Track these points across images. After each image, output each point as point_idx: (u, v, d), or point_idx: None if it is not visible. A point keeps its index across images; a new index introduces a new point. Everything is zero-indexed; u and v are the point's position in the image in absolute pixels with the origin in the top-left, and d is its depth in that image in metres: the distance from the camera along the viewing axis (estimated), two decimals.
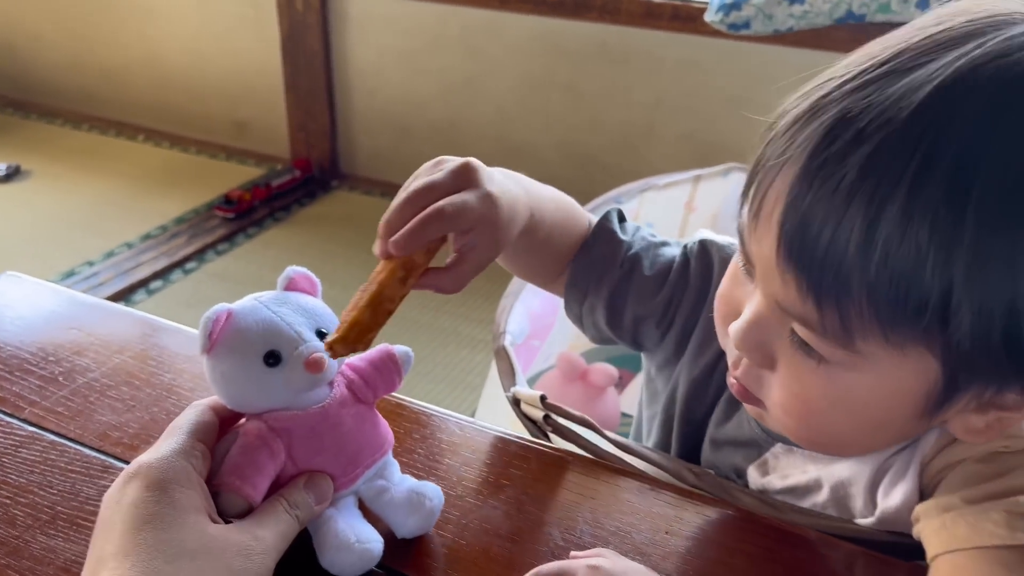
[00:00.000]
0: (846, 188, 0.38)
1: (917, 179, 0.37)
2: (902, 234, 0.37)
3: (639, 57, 1.89)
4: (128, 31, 2.52)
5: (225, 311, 0.45)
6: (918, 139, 0.37)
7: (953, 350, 0.39)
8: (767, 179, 0.42)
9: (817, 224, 0.39)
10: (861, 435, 0.47)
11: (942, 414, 0.44)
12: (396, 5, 2.09)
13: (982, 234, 0.36)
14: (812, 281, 0.40)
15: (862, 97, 0.39)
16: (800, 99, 0.43)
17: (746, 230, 0.45)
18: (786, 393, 0.46)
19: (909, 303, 0.38)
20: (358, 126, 2.30)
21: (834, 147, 0.39)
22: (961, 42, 0.39)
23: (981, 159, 0.36)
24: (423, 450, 0.55)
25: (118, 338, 0.65)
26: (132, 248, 2.00)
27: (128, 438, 0.55)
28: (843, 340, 0.41)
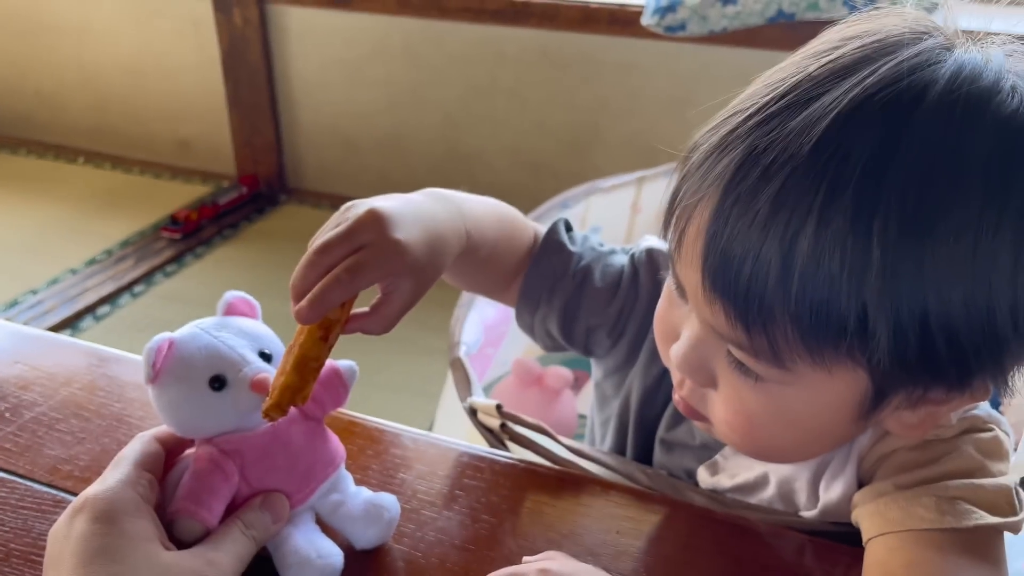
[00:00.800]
0: (760, 223, 0.40)
1: (824, 211, 0.39)
2: (816, 264, 0.39)
3: (580, 62, 1.91)
4: (63, 53, 2.48)
5: (166, 340, 0.45)
6: (821, 172, 0.39)
7: (876, 366, 0.41)
8: (684, 214, 0.44)
9: (737, 258, 0.41)
10: (802, 445, 0.49)
11: (875, 416, 0.46)
12: (336, 17, 2.09)
13: (888, 258, 0.38)
14: (738, 310, 0.42)
15: (766, 132, 0.41)
16: (710, 133, 0.44)
17: (675, 260, 0.46)
18: (728, 410, 0.47)
19: (830, 327, 0.40)
20: (304, 140, 2.29)
21: (744, 184, 0.40)
22: (854, 70, 0.40)
23: (881, 186, 0.39)
24: (377, 466, 0.56)
25: (64, 370, 0.64)
26: (77, 274, 1.96)
27: (79, 471, 0.55)
28: (774, 361, 0.43)
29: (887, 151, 0.39)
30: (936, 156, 0.39)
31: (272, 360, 0.47)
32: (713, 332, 0.45)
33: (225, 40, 2.20)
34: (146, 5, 2.29)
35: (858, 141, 0.39)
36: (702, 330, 0.46)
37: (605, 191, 1.20)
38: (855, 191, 0.38)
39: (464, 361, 0.79)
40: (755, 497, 0.57)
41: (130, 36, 2.36)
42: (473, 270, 0.61)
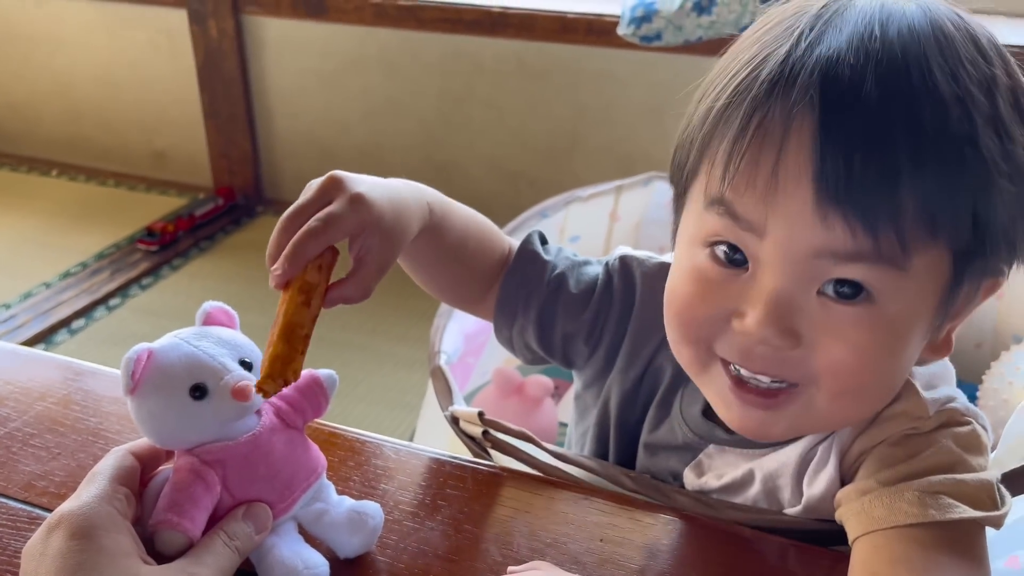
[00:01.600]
0: (877, 113, 0.42)
1: (937, 97, 0.43)
2: (943, 139, 0.43)
3: (557, 72, 1.92)
4: (35, 63, 2.45)
5: (146, 350, 0.45)
6: (905, 71, 0.43)
7: (963, 241, 0.45)
8: (771, 138, 0.44)
9: (859, 159, 0.42)
10: (893, 376, 0.49)
11: (938, 327, 0.49)
12: (312, 28, 2.09)
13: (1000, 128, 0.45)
14: (865, 212, 0.43)
15: (829, 47, 0.44)
16: (737, 63, 0.47)
17: (746, 208, 0.45)
18: (835, 352, 0.46)
19: (952, 191, 0.43)
20: (281, 151, 2.28)
21: (851, 87, 0.43)
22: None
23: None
24: (359, 477, 0.55)
25: (39, 384, 0.63)
26: (51, 287, 1.93)
27: (54, 487, 0.54)
28: (899, 259, 0.44)
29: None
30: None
31: (252, 368, 0.47)
32: (811, 262, 0.45)
33: (201, 51, 2.19)
34: (120, 16, 2.27)
35: (915, 48, 0.44)
36: (785, 276, 0.45)
37: (584, 200, 1.20)
38: (947, 86, 0.43)
39: (445, 370, 0.79)
40: (740, 496, 0.56)
41: (104, 47, 2.35)
42: (441, 258, 0.61)
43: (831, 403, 0.48)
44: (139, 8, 2.23)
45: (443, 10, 1.90)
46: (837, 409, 0.49)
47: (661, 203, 1.28)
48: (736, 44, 0.51)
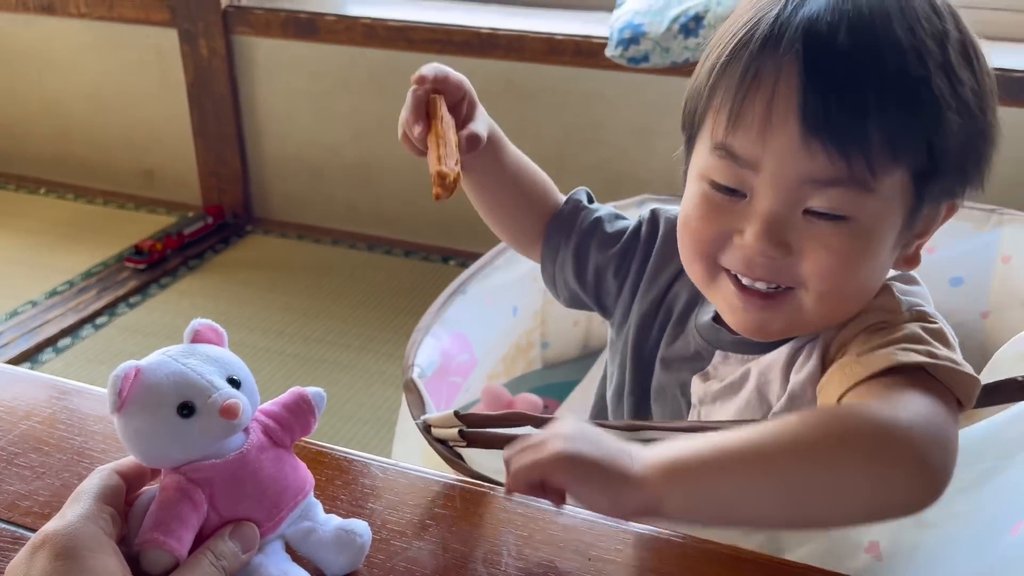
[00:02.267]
0: (850, 67, 0.52)
1: (894, 42, 0.52)
2: (902, 83, 0.52)
3: (545, 93, 1.93)
4: (24, 82, 2.45)
5: (133, 368, 0.44)
6: (871, 24, 0.53)
7: (936, 147, 0.54)
8: (764, 83, 0.54)
9: (836, 96, 0.52)
10: (870, 283, 0.58)
11: (904, 241, 0.58)
12: (303, 48, 2.10)
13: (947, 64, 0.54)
14: (840, 141, 0.52)
15: (811, 9, 0.53)
16: (736, 27, 0.56)
17: (743, 147, 0.55)
18: (819, 259, 0.55)
19: (908, 124, 0.53)
20: (270, 170, 2.28)
21: (827, 40, 0.52)
22: None
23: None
24: (346, 496, 0.55)
25: (24, 403, 0.63)
26: (37, 306, 1.92)
27: (39, 507, 0.54)
28: (867, 180, 0.53)
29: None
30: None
31: (240, 386, 0.46)
32: (797, 188, 0.54)
33: (191, 70, 2.19)
34: (110, 35, 2.28)
35: (879, 6, 0.53)
36: (777, 200, 0.55)
37: None
38: (906, 37, 0.52)
39: (417, 383, 0.80)
40: (736, 397, 0.63)
41: (93, 65, 2.35)
42: (505, 185, 0.74)
43: (818, 303, 0.57)
44: (129, 28, 2.23)
45: (433, 31, 1.91)
46: (823, 308, 0.58)
47: None
48: (736, 10, 0.60)
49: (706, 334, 0.67)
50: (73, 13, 2.24)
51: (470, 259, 1.12)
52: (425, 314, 0.97)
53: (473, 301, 1.04)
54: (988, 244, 1.09)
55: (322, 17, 2.01)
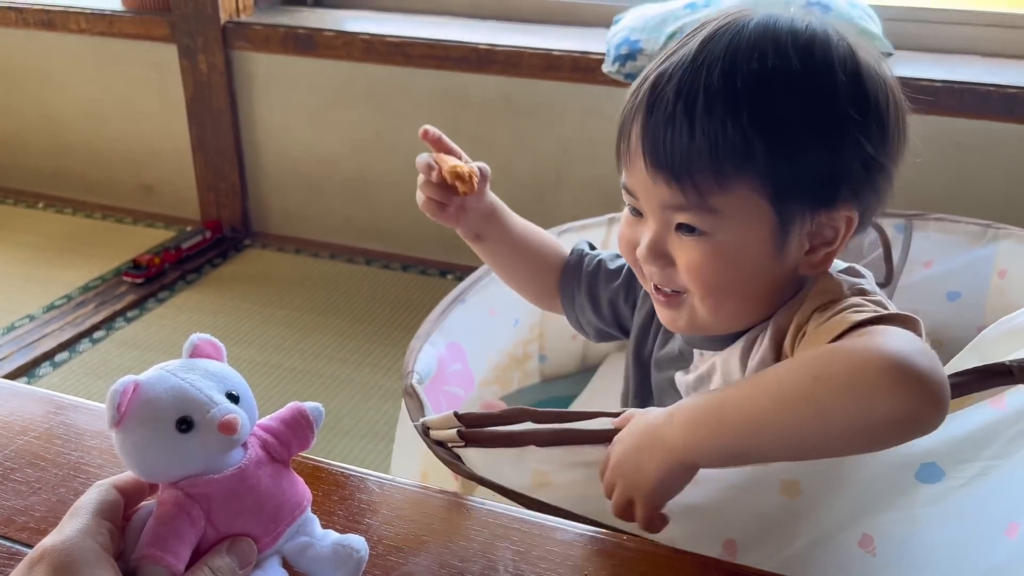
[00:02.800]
0: (670, 112, 0.62)
1: (705, 94, 0.61)
2: (709, 122, 0.61)
3: (543, 108, 1.94)
4: (23, 97, 2.46)
5: (132, 383, 0.45)
6: (699, 73, 0.62)
7: (769, 187, 0.62)
8: (626, 130, 0.66)
9: (661, 136, 0.62)
10: (746, 284, 0.66)
11: (787, 249, 0.65)
12: (301, 64, 2.11)
13: (749, 114, 0.61)
14: (671, 171, 0.62)
15: (664, 67, 0.64)
16: (636, 82, 0.67)
17: (626, 176, 0.67)
18: (689, 269, 0.65)
19: (726, 156, 0.61)
20: (268, 185, 2.29)
21: (658, 92, 0.63)
22: (700, 30, 0.65)
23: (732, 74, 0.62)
24: (343, 511, 0.55)
25: (20, 418, 0.63)
26: (35, 320, 1.92)
27: (35, 522, 0.54)
28: (703, 204, 0.62)
29: (732, 56, 0.62)
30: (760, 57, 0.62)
31: (239, 401, 0.47)
32: (662, 212, 0.64)
33: (190, 86, 2.20)
34: (110, 51, 2.29)
35: (712, 54, 0.62)
36: (655, 220, 0.65)
37: (576, 231, 1.21)
38: (719, 81, 0.61)
39: (417, 388, 0.80)
40: (707, 386, 0.72)
41: (92, 81, 2.36)
42: (517, 251, 0.86)
43: (702, 303, 0.66)
44: (129, 43, 2.25)
45: (431, 47, 1.92)
46: (709, 308, 0.67)
47: None
48: None
49: (685, 336, 0.76)
50: (73, 28, 2.26)
51: (468, 273, 1.13)
52: (425, 321, 0.98)
53: (473, 310, 1.05)
54: (984, 258, 1.10)
55: (321, 33, 2.02)
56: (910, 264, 1.13)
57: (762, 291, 0.67)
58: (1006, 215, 1.27)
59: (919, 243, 1.13)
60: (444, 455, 0.64)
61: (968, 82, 1.59)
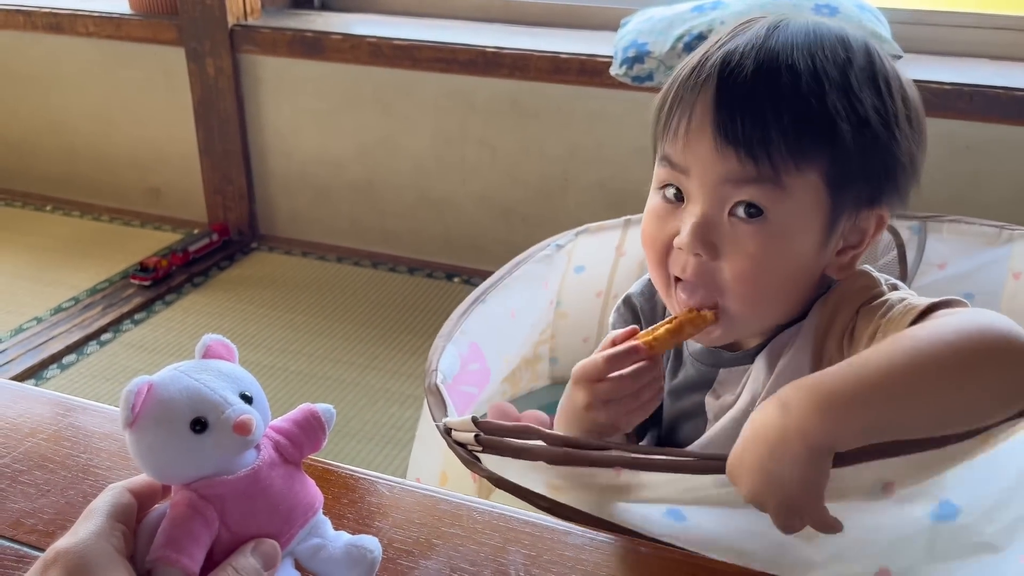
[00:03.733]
0: (750, 86, 0.62)
1: (785, 65, 0.63)
2: (794, 95, 0.62)
3: (550, 111, 1.94)
4: (31, 100, 2.47)
5: (146, 383, 0.44)
6: (776, 53, 0.63)
7: (833, 166, 0.63)
8: (687, 104, 0.65)
9: (740, 109, 0.62)
10: (791, 279, 0.66)
11: (829, 246, 0.66)
12: (308, 67, 2.11)
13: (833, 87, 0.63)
14: (747, 144, 0.62)
15: (729, 45, 0.65)
16: (684, 65, 0.67)
17: (679, 151, 0.65)
18: (737, 263, 0.64)
19: (806, 130, 0.62)
20: (276, 188, 2.29)
21: (732, 69, 0.63)
22: (754, 22, 0.67)
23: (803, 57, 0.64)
24: (353, 514, 0.55)
25: (29, 420, 0.63)
26: (42, 322, 1.93)
27: (43, 524, 0.54)
28: (774, 179, 0.62)
29: (801, 42, 0.64)
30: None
31: (252, 402, 0.46)
32: (721, 188, 0.63)
33: (197, 89, 2.21)
34: (117, 54, 2.30)
35: (790, 41, 0.64)
36: (707, 203, 0.64)
37: (593, 232, 1.21)
38: (802, 63, 0.63)
39: (440, 388, 0.80)
40: (741, 396, 0.70)
41: (99, 85, 2.36)
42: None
43: (741, 305, 0.65)
44: (137, 47, 2.25)
45: (438, 50, 1.92)
46: (747, 310, 0.66)
47: None
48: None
49: (705, 359, 0.74)
50: (81, 32, 2.26)
51: (474, 276, 1.13)
52: (447, 321, 0.97)
53: (492, 312, 1.04)
54: (999, 260, 1.09)
55: (328, 36, 2.02)
56: (924, 266, 1.12)
57: (797, 289, 0.67)
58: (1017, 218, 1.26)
59: (933, 245, 1.12)
60: (464, 456, 0.64)
61: (978, 85, 1.58)
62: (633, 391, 0.67)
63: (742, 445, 0.54)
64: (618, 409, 0.67)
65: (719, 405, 0.72)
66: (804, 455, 0.51)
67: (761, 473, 0.52)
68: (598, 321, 1.30)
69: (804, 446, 0.51)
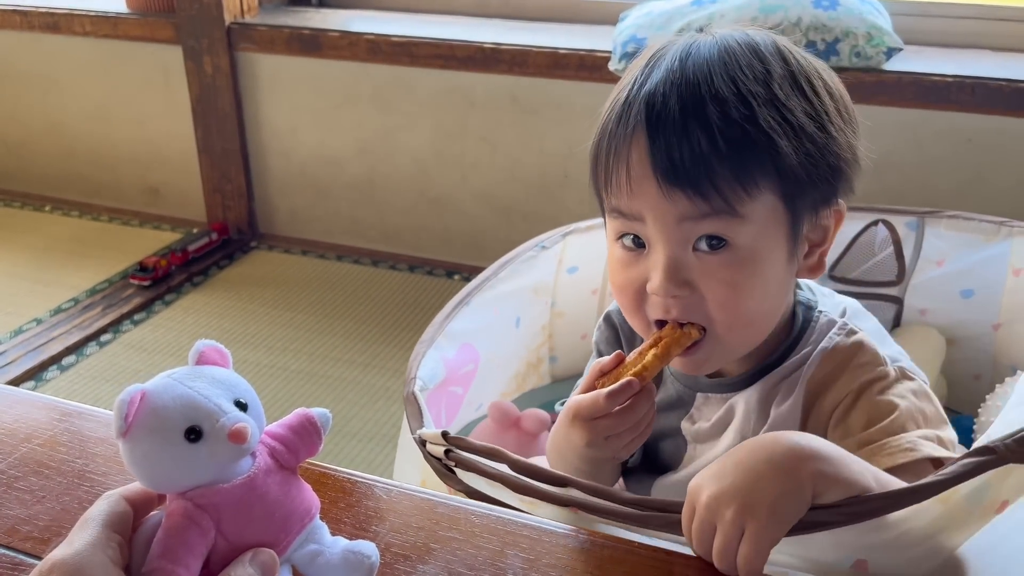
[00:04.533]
0: (681, 125, 0.61)
1: (711, 102, 0.62)
2: (726, 126, 0.61)
3: (549, 107, 1.93)
4: (29, 100, 2.46)
5: (139, 392, 0.44)
6: (695, 85, 0.62)
7: (784, 177, 0.62)
8: (620, 156, 0.63)
9: (676, 149, 0.61)
10: (771, 296, 0.66)
11: (797, 253, 0.66)
12: (306, 65, 2.10)
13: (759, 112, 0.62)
14: (692, 183, 0.61)
15: (649, 86, 0.63)
16: (608, 111, 0.66)
17: (626, 202, 0.64)
18: (716, 292, 0.63)
19: (746, 154, 0.61)
20: (275, 186, 2.28)
21: (659, 112, 0.62)
22: (664, 52, 0.66)
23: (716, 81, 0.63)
24: (350, 519, 0.54)
25: (25, 425, 0.63)
26: (42, 324, 1.92)
27: (39, 531, 0.53)
28: (728, 209, 0.62)
29: (715, 63, 0.63)
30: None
31: (248, 409, 0.46)
32: (679, 227, 0.62)
33: (195, 88, 2.20)
34: (115, 53, 2.29)
35: (704, 68, 0.63)
36: (669, 244, 0.63)
37: (582, 231, 1.20)
38: (724, 89, 0.62)
39: (418, 396, 0.79)
40: (726, 432, 0.70)
41: (98, 84, 2.36)
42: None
43: (730, 332, 0.65)
44: (134, 45, 2.25)
45: (436, 46, 1.92)
46: (736, 336, 0.66)
47: None
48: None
49: (684, 380, 0.74)
50: (78, 31, 2.26)
51: (475, 274, 1.12)
52: (429, 327, 0.96)
53: (479, 311, 1.04)
54: (998, 256, 1.08)
55: (325, 33, 2.02)
56: (923, 262, 1.11)
57: (779, 303, 0.67)
58: (1019, 210, 1.26)
59: (932, 241, 1.11)
60: (439, 468, 0.64)
61: (979, 77, 1.57)
62: (634, 423, 0.66)
63: (729, 455, 0.54)
64: (619, 442, 0.66)
65: (695, 430, 0.73)
66: (793, 470, 0.51)
67: (740, 472, 0.51)
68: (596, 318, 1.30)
69: (795, 462, 0.51)
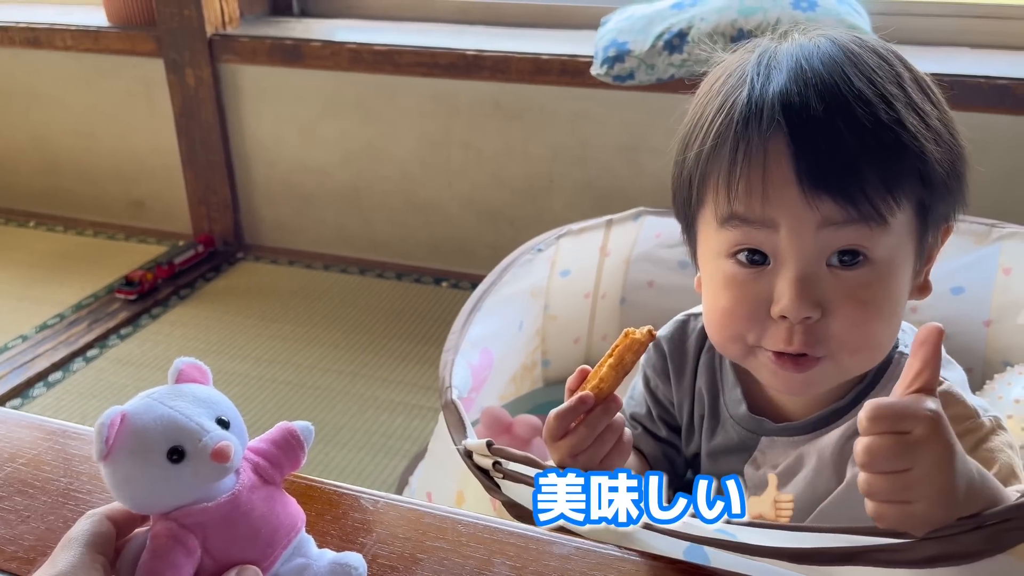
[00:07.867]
0: (825, 123, 0.57)
1: (862, 98, 0.58)
2: (878, 128, 0.57)
3: (532, 113, 1.94)
4: (11, 116, 2.45)
5: (119, 414, 0.44)
6: (833, 83, 0.58)
7: (926, 186, 0.59)
8: (755, 157, 0.58)
9: (824, 149, 0.57)
10: (896, 317, 0.61)
11: (920, 271, 0.63)
12: (288, 75, 2.10)
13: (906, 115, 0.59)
14: (842, 187, 0.57)
15: (779, 85, 0.58)
16: (718, 115, 0.61)
17: (760, 207, 0.58)
18: (849, 312, 0.58)
19: (896, 159, 0.58)
20: (260, 197, 2.28)
21: (800, 112, 0.57)
22: (774, 52, 0.62)
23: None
24: (337, 530, 0.54)
25: (8, 445, 0.62)
26: (27, 340, 1.91)
27: (23, 551, 0.53)
28: (875, 216, 0.57)
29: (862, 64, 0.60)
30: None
31: (230, 426, 0.46)
32: (818, 235, 0.58)
33: (178, 100, 2.19)
34: (97, 67, 2.28)
35: (834, 67, 0.59)
36: (801, 257, 0.58)
37: (575, 234, 1.20)
38: (868, 89, 0.58)
39: (457, 404, 0.78)
40: (795, 480, 0.65)
41: (80, 98, 2.35)
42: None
43: (853, 357, 0.60)
44: (116, 59, 2.24)
45: (418, 54, 1.92)
46: (857, 361, 0.61)
47: (650, 237, 1.28)
48: (697, 99, 0.65)
49: (747, 425, 0.70)
50: (59, 46, 2.25)
51: (462, 280, 1.12)
52: (450, 334, 0.95)
53: (490, 315, 1.04)
54: (988, 256, 1.10)
55: (308, 43, 2.02)
56: None
57: (898, 324, 0.63)
58: (999, 206, 1.27)
59: None
60: (485, 482, 0.63)
61: (958, 74, 1.59)
62: (593, 440, 0.60)
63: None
64: (589, 458, 0.61)
65: (759, 477, 0.68)
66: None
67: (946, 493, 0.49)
68: (588, 321, 1.30)
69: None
